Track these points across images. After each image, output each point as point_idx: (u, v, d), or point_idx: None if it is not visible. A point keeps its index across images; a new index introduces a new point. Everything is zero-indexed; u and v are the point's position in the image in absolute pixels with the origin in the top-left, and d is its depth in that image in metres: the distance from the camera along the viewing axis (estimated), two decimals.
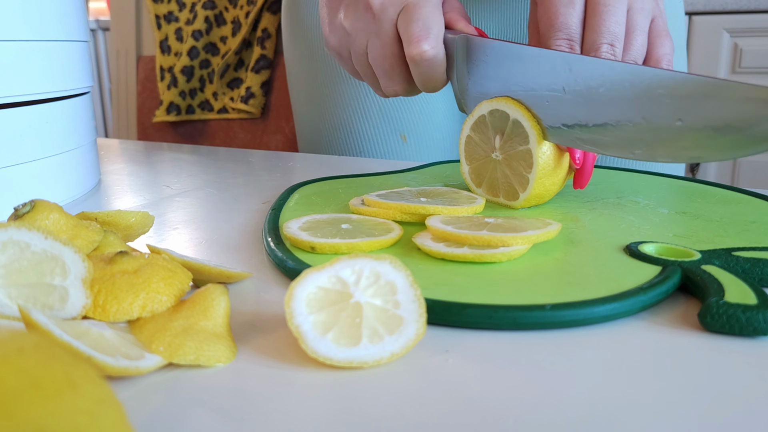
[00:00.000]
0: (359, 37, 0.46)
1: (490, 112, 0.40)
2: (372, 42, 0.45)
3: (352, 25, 0.46)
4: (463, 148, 0.43)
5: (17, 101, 0.43)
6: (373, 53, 0.45)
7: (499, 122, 0.40)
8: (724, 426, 0.20)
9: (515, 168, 0.40)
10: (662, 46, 0.41)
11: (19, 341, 0.15)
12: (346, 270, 0.25)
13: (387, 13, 0.43)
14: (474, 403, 0.22)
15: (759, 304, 0.26)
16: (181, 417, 0.21)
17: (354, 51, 0.47)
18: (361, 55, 0.47)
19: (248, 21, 1.15)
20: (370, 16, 0.44)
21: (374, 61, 0.45)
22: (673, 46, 0.42)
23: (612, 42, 0.40)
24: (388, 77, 0.46)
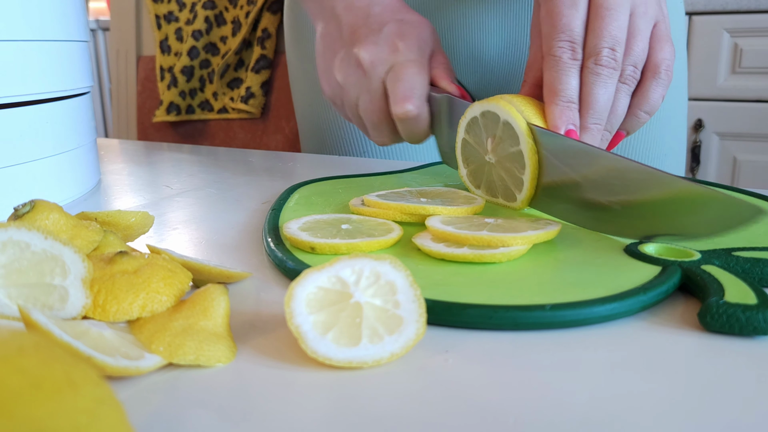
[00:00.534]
0: (351, 91, 0.48)
1: (482, 113, 0.40)
2: (362, 96, 0.47)
3: (345, 79, 0.48)
4: (460, 151, 0.43)
5: (17, 101, 0.43)
6: (363, 107, 0.48)
7: (490, 124, 0.40)
8: (724, 426, 0.20)
9: (509, 170, 0.40)
10: (662, 51, 0.41)
11: (19, 341, 0.15)
12: (346, 270, 0.25)
13: (376, 70, 0.46)
14: (474, 403, 0.22)
15: (759, 304, 0.26)
16: (181, 417, 0.21)
17: (346, 102, 0.49)
18: (352, 107, 0.49)
19: (248, 21, 1.15)
20: (361, 72, 0.46)
21: (364, 113, 0.48)
22: (673, 51, 0.42)
23: (613, 46, 0.40)
24: (376, 129, 0.48)
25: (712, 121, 1.48)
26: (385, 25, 0.46)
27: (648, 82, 0.42)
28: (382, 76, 0.46)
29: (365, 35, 0.47)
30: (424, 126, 0.46)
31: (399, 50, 0.45)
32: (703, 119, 1.48)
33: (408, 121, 0.45)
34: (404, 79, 0.44)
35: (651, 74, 0.42)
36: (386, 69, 0.46)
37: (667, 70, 0.41)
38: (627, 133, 0.43)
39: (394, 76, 0.45)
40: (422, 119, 0.46)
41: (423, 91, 0.45)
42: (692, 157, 1.50)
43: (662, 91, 0.42)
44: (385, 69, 0.46)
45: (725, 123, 1.47)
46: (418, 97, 0.45)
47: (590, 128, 0.40)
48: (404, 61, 0.45)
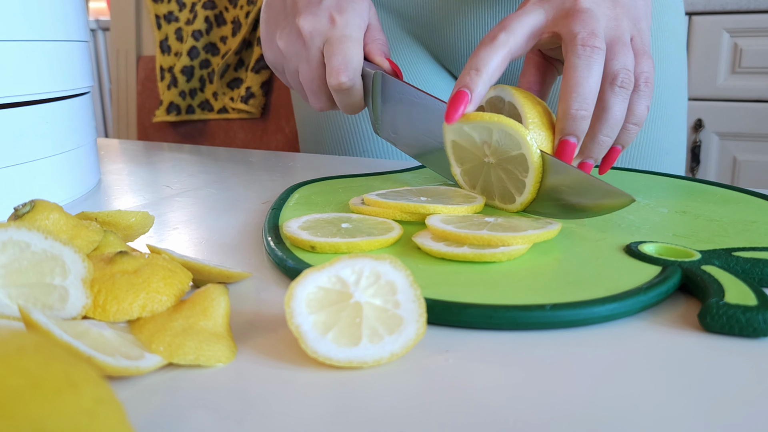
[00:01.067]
0: (292, 59, 0.51)
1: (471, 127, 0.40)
2: (302, 65, 0.50)
3: (286, 47, 0.51)
4: (451, 151, 0.43)
5: (17, 101, 0.43)
6: (303, 75, 0.50)
7: (482, 131, 0.40)
8: (724, 426, 0.20)
9: (510, 172, 0.40)
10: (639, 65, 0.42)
11: (19, 341, 0.15)
12: (346, 270, 0.25)
13: (314, 41, 0.48)
14: (474, 403, 0.22)
15: (759, 305, 0.26)
16: (181, 417, 0.21)
17: (287, 70, 0.52)
18: (293, 74, 0.52)
19: (248, 21, 1.15)
20: (301, 42, 0.49)
21: (303, 81, 0.51)
22: (651, 63, 0.43)
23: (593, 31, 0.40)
24: (315, 96, 0.51)
25: (712, 121, 1.48)
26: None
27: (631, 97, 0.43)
28: (320, 46, 0.48)
29: (305, 6, 0.49)
30: (358, 98, 0.49)
31: (336, 24, 0.48)
32: (703, 119, 1.48)
33: (342, 92, 0.48)
34: (339, 53, 0.47)
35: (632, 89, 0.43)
36: (323, 40, 0.48)
37: (646, 82, 0.42)
38: (622, 147, 0.44)
39: (330, 48, 0.47)
40: (356, 91, 0.48)
41: (357, 64, 0.48)
42: (692, 157, 1.50)
43: (646, 102, 0.43)
44: (322, 40, 0.48)
45: (725, 123, 1.47)
46: (352, 70, 0.47)
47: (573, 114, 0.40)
48: (340, 35, 0.48)
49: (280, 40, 0.51)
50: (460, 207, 0.38)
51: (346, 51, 0.47)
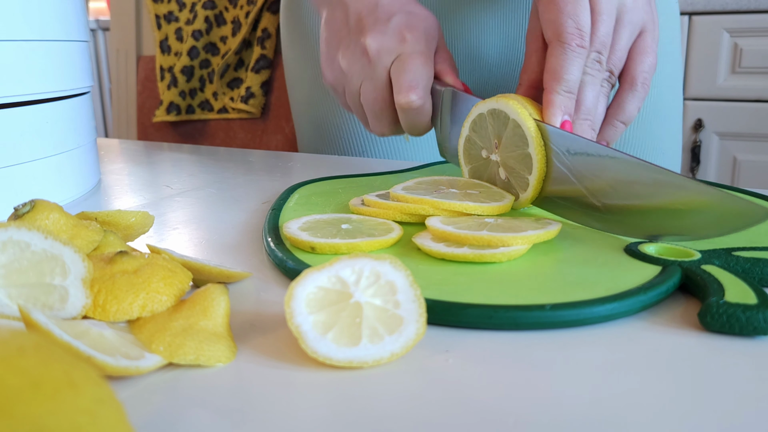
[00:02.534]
0: (354, 78, 0.48)
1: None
2: (365, 84, 0.48)
3: (349, 66, 0.48)
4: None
5: (17, 101, 0.43)
6: (366, 95, 0.48)
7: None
8: (724, 426, 0.20)
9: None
10: (641, 64, 0.42)
11: (19, 341, 0.15)
12: (346, 270, 0.25)
13: (382, 60, 0.46)
14: (474, 403, 0.22)
15: (759, 304, 0.26)
16: (181, 417, 0.21)
17: (348, 90, 0.49)
18: (354, 95, 0.49)
19: (248, 21, 1.15)
20: (366, 60, 0.47)
21: (366, 102, 0.48)
22: (654, 64, 0.43)
23: (600, 50, 0.41)
24: (377, 118, 0.49)
25: (712, 121, 1.48)
26: (394, 16, 0.47)
27: (625, 94, 0.43)
28: (388, 65, 0.46)
29: (373, 24, 0.47)
30: (426, 118, 0.47)
31: (406, 41, 0.46)
32: (703, 119, 1.48)
33: (411, 112, 0.46)
34: (410, 70, 0.45)
35: (628, 86, 0.43)
36: (392, 59, 0.46)
37: (643, 83, 0.42)
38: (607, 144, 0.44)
39: (400, 66, 0.45)
40: (425, 111, 0.46)
41: (428, 82, 0.45)
42: (692, 157, 1.50)
43: (638, 103, 0.43)
44: (391, 58, 0.46)
45: (725, 123, 1.47)
46: (422, 88, 0.45)
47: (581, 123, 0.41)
48: (411, 52, 0.45)
49: (342, 59, 0.49)
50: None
51: (417, 68, 0.45)
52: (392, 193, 0.39)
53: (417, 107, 0.45)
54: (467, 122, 0.42)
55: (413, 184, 0.41)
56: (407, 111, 0.46)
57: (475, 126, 0.42)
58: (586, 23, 0.40)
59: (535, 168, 0.38)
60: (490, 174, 0.42)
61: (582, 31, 0.40)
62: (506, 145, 0.40)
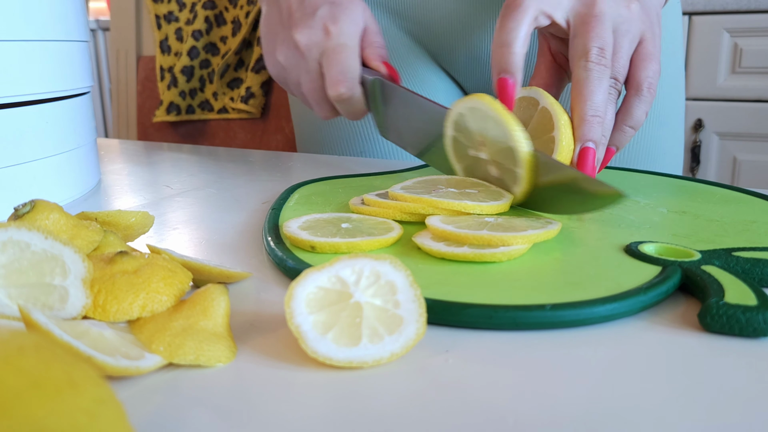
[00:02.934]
0: (292, 71, 0.51)
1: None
2: (302, 76, 0.51)
3: (286, 60, 0.51)
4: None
5: (17, 101, 0.43)
6: (304, 86, 0.51)
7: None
8: (724, 426, 0.20)
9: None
10: (645, 69, 0.43)
11: (19, 341, 0.15)
12: (346, 270, 0.25)
13: (311, 53, 0.49)
14: (474, 403, 0.22)
15: (759, 305, 0.26)
16: (181, 417, 0.21)
17: (289, 81, 0.53)
18: (295, 86, 0.52)
19: (248, 21, 1.15)
20: (299, 54, 0.49)
21: (306, 92, 0.51)
22: (658, 69, 0.43)
23: (602, 46, 0.41)
24: (318, 105, 0.52)
25: (712, 121, 1.48)
26: (318, 9, 0.49)
27: (631, 100, 0.43)
28: (318, 58, 0.49)
29: (300, 19, 0.49)
30: (360, 105, 0.50)
31: (331, 34, 0.48)
32: (703, 119, 1.48)
33: (343, 102, 0.49)
34: (336, 63, 0.47)
35: (634, 92, 0.43)
36: (320, 52, 0.48)
37: (649, 88, 0.43)
38: (616, 148, 0.44)
39: (327, 60, 0.48)
40: (356, 99, 0.49)
41: (354, 73, 0.48)
42: (692, 157, 1.50)
43: (645, 108, 0.43)
44: (319, 52, 0.48)
45: (725, 123, 1.47)
46: (350, 80, 0.48)
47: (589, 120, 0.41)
48: (335, 45, 0.48)
49: (279, 54, 0.51)
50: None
51: (343, 61, 0.47)
52: (391, 193, 0.39)
53: (347, 98, 0.48)
54: (448, 122, 0.42)
55: (412, 183, 0.41)
56: (339, 102, 0.49)
57: (457, 125, 0.42)
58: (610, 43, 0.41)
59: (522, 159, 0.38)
60: (483, 171, 0.42)
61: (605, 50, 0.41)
62: (490, 142, 0.40)
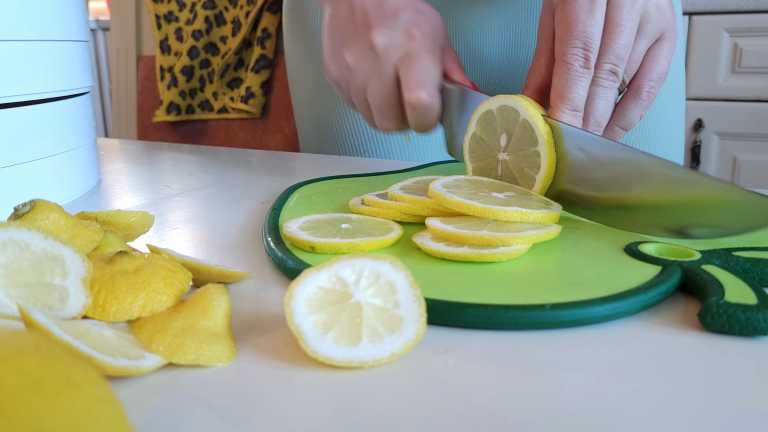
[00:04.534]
0: (360, 74, 0.48)
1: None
2: (372, 81, 0.47)
3: (355, 61, 0.47)
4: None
5: (17, 101, 0.43)
6: (372, 92, 0.47)
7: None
8: (724, 426, 0.20)
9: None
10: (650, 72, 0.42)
11: (19, 341, 0.15)
12: (346, 270, 0.25)
13: (390, 56, 0.46)
14: (474, 403, 0.22)
15: (759, 304, 0.26)
16: (181, 417, 0.21)
17: (353, 86, 0.49)
18: (360, 91, 0.49)
19: (248, 21, 1.15)
20: (374, 56, 0.46)
21: (372, 98, 0.48)
22: (665, 72, 0.43)
23: (616, 63, 0.40)
24: (383, 115, 0.48)
25: (712, 121, 1.48)
26: (400, 12, 0.47)
27: (628, 101, 0.43)
28: (396, 61, 0.46)
29: (379, 19, 0.46)
30: (435, 116, 0.46)
31: (415, 38, 0.46)
32: (703, 119, 1.48)
33: (420, 109, 0.46)
34: (419, 67, 0.45)
35: (632, 94, 0.43)
36: (400, 55, 0.46)
37: (649, 92, 0.42)
38: None
39: (409, 62, 0.45)
40: (434, 108, 0.46)
41: (437, 80, 0.45)
42: (692, 157, 1.50)
43: (640, 111, 0.42)
44: (399, 55, 0.46)
45: (725, 123, 1.47)
46: (432, 86, 0.45)
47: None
48: (419, 48, 0.45)
49: (348, 54, 0.48)
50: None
51: (427, 65, 0.45)
52: (390, 193, 0.39)
53: (427, 105, 0.45)
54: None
55: (412, 183, 0.41)
56: (416, 108, 0.45)
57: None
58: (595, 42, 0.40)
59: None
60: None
61: (589, 52, 0.40)
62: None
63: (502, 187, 0.38)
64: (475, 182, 0.39)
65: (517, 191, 0.38)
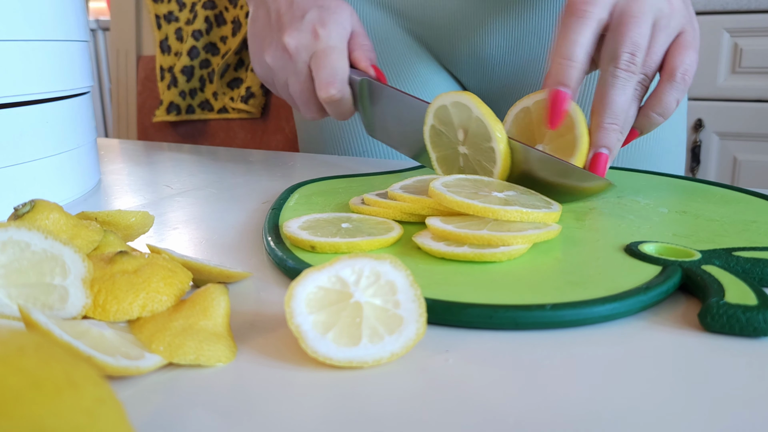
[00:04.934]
0: (280, 73, 0.52)
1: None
2: (291, 78, 0.52)
3: (273, 62, 0.52)
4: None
5: (17, 101, 0.43)
6: (292, 88, 0.52)
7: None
8: (724, 426, 0.20)
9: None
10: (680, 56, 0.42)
11: (19, 341, 0.15)
12: (346, 270, 0.25)
13: (300, 56, 0.50)
14: (474, 403, 0.22)
15: (759, 305, 0.26)
16: (181, 417, 0.21)
17: (277, 83, 0.54)
18: (283, 87, 0.54)
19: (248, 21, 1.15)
20: (288, 57, 0.51)
21: (294, 93, 0.52)
22: (695, 59, 0.43)
23: (633, 51, 0.41)
24: (306, 107, 0.53)
25: (712, 121, 1.47)
26: (307, 12, 0.50)
27: (663, 85, 0.43)
28: (307, 60, 0.50)
29: (289, 22, 0.50)
30: (348, 106, 0.51)
31: (320, 37, 0.49)
32: (703, 119, 1.48)
33: (332, 103, 0.50)
34: (326, 66, 0.49)
35: (667, 78, 0.43)
36: (309, 54, 0.50)
37: (683, 75, 0.42)
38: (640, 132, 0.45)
39: (317, 62, 0.49)
40: (345, 100, 0.50)
41: (344, 75, 0.49)
42: (692, 157, 1.50)
43: (677, 96, 0.43)
44: (308, 54, 0.50)
45: (725, 123, 1.47)
46: (339, 81, 0.49)
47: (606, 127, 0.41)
48: (325, 47, 0.49)
49: (267, 56, 0.52)
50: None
51: (332, 63, 0.48)
52: (390, 192, 0.40)
53: (337, 99, 0.49)
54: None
55: (412, 182, 0.41)
56: (329, 103, 0.50)
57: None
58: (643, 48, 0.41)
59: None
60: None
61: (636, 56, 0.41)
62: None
63: (503, 186, 0.39)
64: (476, 181, 0.39)
65: (518, 190, 0.38)
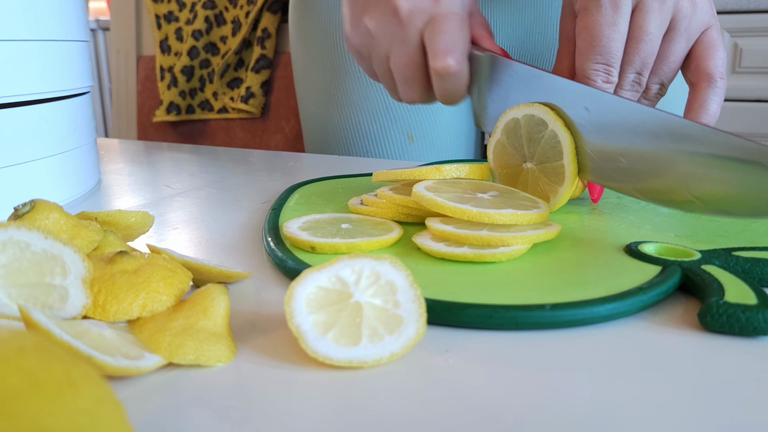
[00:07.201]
0: (383, 41, 0.45)
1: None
2: (396, 48, 0.44)
3: (377, 28, 0.45)
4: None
5: (17, 101, 0.43)
6: (396, 60, 0.44)
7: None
8: (724, 426, 0.20)
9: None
10: (713, 58, 0.40)
11: (19, 341, 0.15)
12: (346, 270, 0.25)
13: (414, 21, 0.43)
14: (474, 403, 0.22)
15: (759, 304, 0.26)
16: (181, 417, 0.21)
17: (375, 54, 0.46)
18: (382, 59, 0.46)
19: (248, 21, 1.15)
20: (396, 21, 0.43)
21: (396, 67, 0.45)
22: (725, 57, 0.41)
23: (640, 71, 0.40)
24: (408, 85, 0.45)
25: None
26: None
27: (704, 92, 0.40)
28: (421, 27, 0.43)
29: None
30: (463, 85, 0.43)
31: (440, 1, 0.42)
32: None
33: (447, 78, 0.42)
34: (446, 32, 0.42)
35: (706, 83, 0.40)
36: (425, 20, 0.42)
37: (722, 78, 0.40)
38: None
39: (435, 28, 0.42)
40: (462, 77, 0.43)
41: (465, 47, 0.42)
42: None
43: (719, 100, 0.40)
44: (424, 20, 0.43)
45: (725, 123, 1.47)
46: (460, 52, 0.42)
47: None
48: (446, 12, 0.42)
49: (370, 20, 0.45)
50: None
51: (454, 31, 0.41)
52: (379, 193, 0.39)
53: (454, 72, 0.42)
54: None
55: (403, 184, 0.41)
56: (443, 77, 0.42)
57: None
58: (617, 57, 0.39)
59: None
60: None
61: (611, 67, 0.39)
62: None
63: (484, 186, 0.37)
64: (454, 183, 0.38)
65: (499, 190, 0.37)
